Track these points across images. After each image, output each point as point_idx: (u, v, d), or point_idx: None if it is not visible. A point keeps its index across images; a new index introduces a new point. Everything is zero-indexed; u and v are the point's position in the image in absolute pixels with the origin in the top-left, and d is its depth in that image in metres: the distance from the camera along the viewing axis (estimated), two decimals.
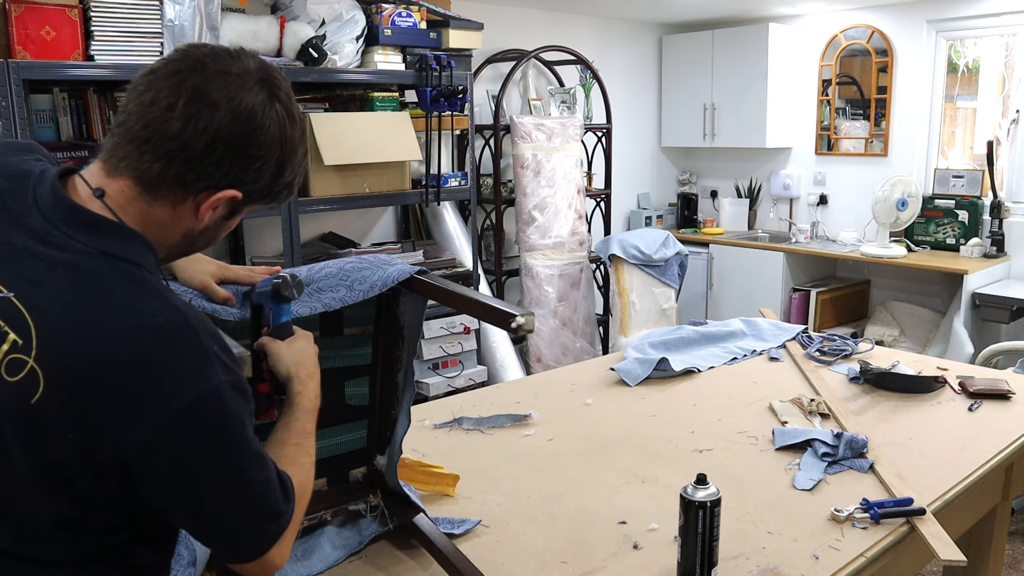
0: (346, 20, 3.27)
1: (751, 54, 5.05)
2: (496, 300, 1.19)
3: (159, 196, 0.92)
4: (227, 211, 0.98)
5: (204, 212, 0.94)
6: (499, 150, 4.23)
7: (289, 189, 1.01)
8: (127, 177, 0.91)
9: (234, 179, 0.93)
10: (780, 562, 1.33)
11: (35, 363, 0.84)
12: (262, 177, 0.95)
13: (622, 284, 4.45)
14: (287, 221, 3.14)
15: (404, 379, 1.39)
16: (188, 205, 0.94)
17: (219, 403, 0.87)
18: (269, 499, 0.93)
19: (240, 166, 0.93)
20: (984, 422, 1.94)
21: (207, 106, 0.89)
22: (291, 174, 0.99)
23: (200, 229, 0.97)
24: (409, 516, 1.40)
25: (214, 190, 0.93)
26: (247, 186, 0.95)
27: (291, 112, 0.96)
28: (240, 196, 0.95)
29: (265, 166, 0.94)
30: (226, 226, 1.01)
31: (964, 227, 4.57)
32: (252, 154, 0.93)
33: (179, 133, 0.89)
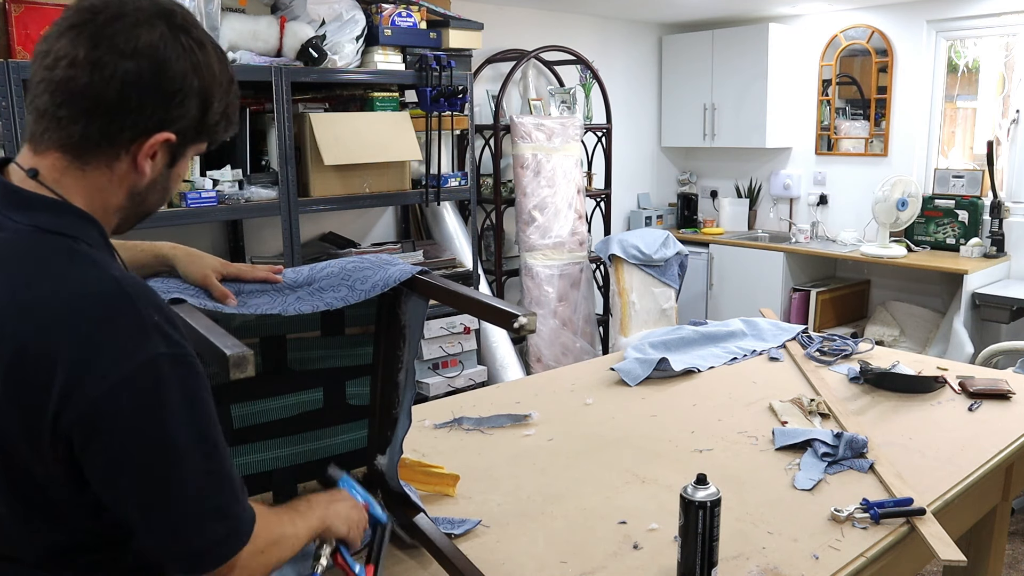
0: (346, 20, 3.27)
1: (751, 54, 5.05)
2: (498, 300, 1.19)
3: (90, 160, 0.90)
4: (168, 158, 0.95)
5: (142, 163, 0.92)
6: (499, 150, 4.23)
7: (227, 121, 0.98)
8: (54, 150, 0.89)
9: (160, 120, 0.90)
10: (780, 562, 1.33)
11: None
12: (188, 111, 0.92)
13: (622, 284, 4.45)
14: (287, 221, 3.14)
15: (405, 379, 1.40)
16: (124, 161, 0.91)
17: (157, 374, 0.83)
18: (215, 491, 0.88)
19: (161, 105, 0.89)
20: (984, 422, 1.94)
21: (108, 52, 0.86)
22: (221, 103, 0.96)
23: (145, 184, 0.94)
24: (409, 516, 1.40)
25: (144, 137, 0.90)
26: (176, 125, 0.92)
27: (199, 40, 0.93)
28: (174, 138, 0.92)
29: (187, 100, 0.91)
30: (173, 175, 0.98)
31: (964, 227, 4.57)
32: (168, 89, 0.89)
33: (88, 87, 0.86)
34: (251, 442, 1.36)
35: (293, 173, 3.13)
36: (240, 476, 0.93)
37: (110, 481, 0.85)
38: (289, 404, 1.39)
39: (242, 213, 3.07)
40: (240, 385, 1.32)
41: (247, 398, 1.34)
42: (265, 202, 3.07)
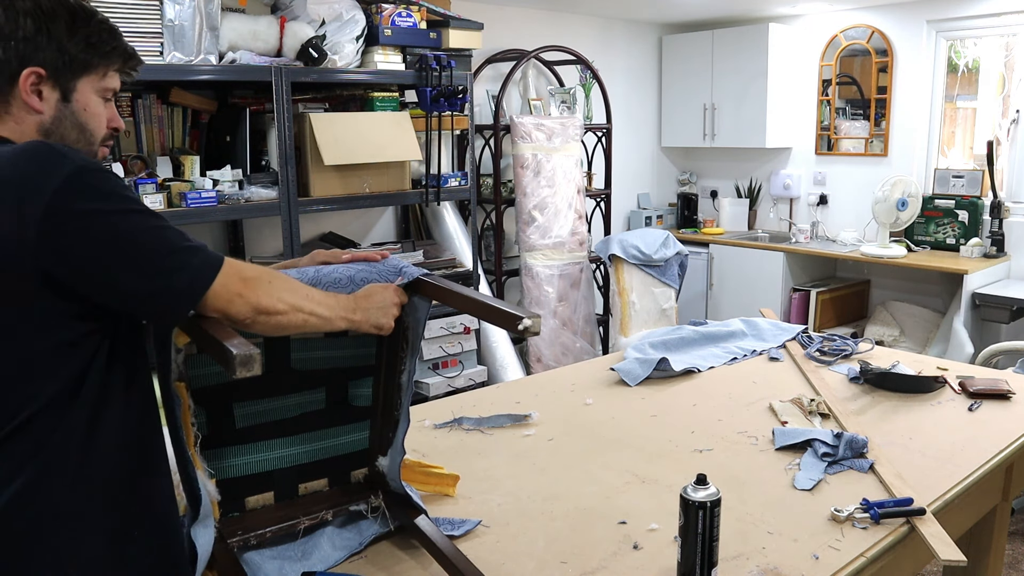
0: (346, 20, 3.27)
1: (751, 54, 5.05)
2: (502, 302, 1.19)
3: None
4: (57, 91, 1.07)
5: (29, 99, 1.05)
6: (499, 150, 4.23)
7: (97, 50, 1.09)
8: None
9: (20, 59, 1.04)
10: (780, 562, 1.33)
11: None
12: (41, 45, 1.04)
13: (622, 284, 4.45)
14: (287, 221, 3.14)
15: (407, 381, 1.40)
16: (14, 103, 1.05)
17: (87, 175, 0.97)
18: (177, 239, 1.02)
19: (9, 47, 1.03)
20: (984, 422, 1.94)
21: None
22: (79, 35, 1.07)
23: (50, 120, 1.07)
24: (410, 517, 1.40)
25: (16, 76, 1.04)
26: (34, 59, 1.04)
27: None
28: (43, 71, 1.05)
29: (29, 36, 1.04)
30: (79, 110, 1.09)
31: (964, 227, 4.57)
32: (7, 32, 1.03)
33: None
34: (253, 441, 1.37)
35: (293, 173, 3.13)
36: None
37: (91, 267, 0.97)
38: (291, 404, 1.39)
39: (242, 213, 3.07)
40: (243, 384, 1.32)
41: (250, 397, 1.34)
42: (265, 202, 3.07)
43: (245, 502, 1.37)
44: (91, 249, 0.96)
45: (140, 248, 0.98)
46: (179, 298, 1.01)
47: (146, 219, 1.00)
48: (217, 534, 1.26)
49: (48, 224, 0.93)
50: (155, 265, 0.99)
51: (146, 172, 2.85)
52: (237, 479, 1.36)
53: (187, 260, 1.01)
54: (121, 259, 0.98)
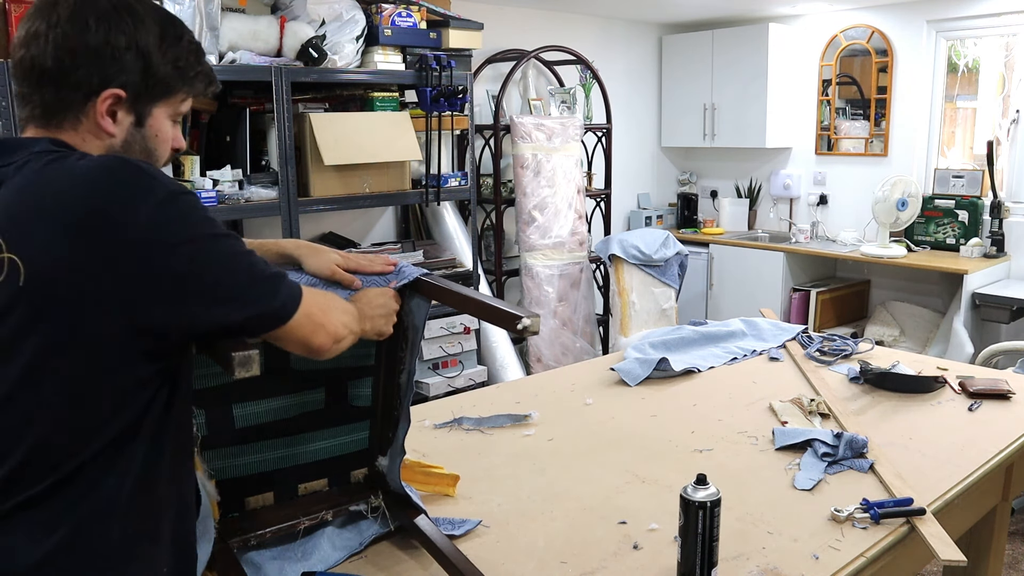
0: (346, 20, 3.27)
1: (751, 54, 5.05)
2: (501, 302, 1.19)
3: (60, 125, 0.98)
4: (132, 115, 1.01)
5: (102, 122, 0.98)
6: (499, 150, 4.23)
7: (181, 75, 1.03)
8: (32, 125, 1.00)
9: (101, 78, 0.97)
10: (780, 562, 1.33)
11: (9, 254, 0.90)
12: (128, 67, 0.98)
13: (622, 284, 4.45)
14: (287, 221, 3.14)
15: (407, 381, 1.40)
16: (87, 124, 0.99)
17: (183, 199, 0.93)
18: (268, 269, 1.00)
19: (95, 64, 0.96)
20: (984, 422, 1.94)
21: (41, 23, 0.95)
22: (168, 56, 1.01)
23: (119, 144, 1.01)
24: (410, 517, 1.40)
25: (93, 96, 0.97)
26: (118, 80, 0.98)
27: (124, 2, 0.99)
28: (123, 93, 0.98)
29: (120, 54, 0.97)
30: (149, 135, 1.04)
31: (964, 227, 4.57)
32: (95, 47, 0.96)
33: (32, 60, 0.96)
34: (252, 442, 1.36)
35: (293, 173, 3.13)
36: None
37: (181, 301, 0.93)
38: (291, 404, 1.39)
39: (242, 213, 3.07)
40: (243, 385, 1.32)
41: (249, 398, 1.34)
42: (265, 202, 3.08)
43: (245, 502, 1.37)
44: (183, 283, 0.92)
45: (232, 278, 0.96)
46: (265, 324, 1.00)
47: (233, 245, 0.97)
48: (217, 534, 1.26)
49: (138, 259, 0.89)
50: (246, 295, 0.97)
51: None
52: (237, 479, 1.36)
53: (276, 288, 1.00)
54: (213, 291, 0.94)
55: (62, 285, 0.89)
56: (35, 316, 0.89)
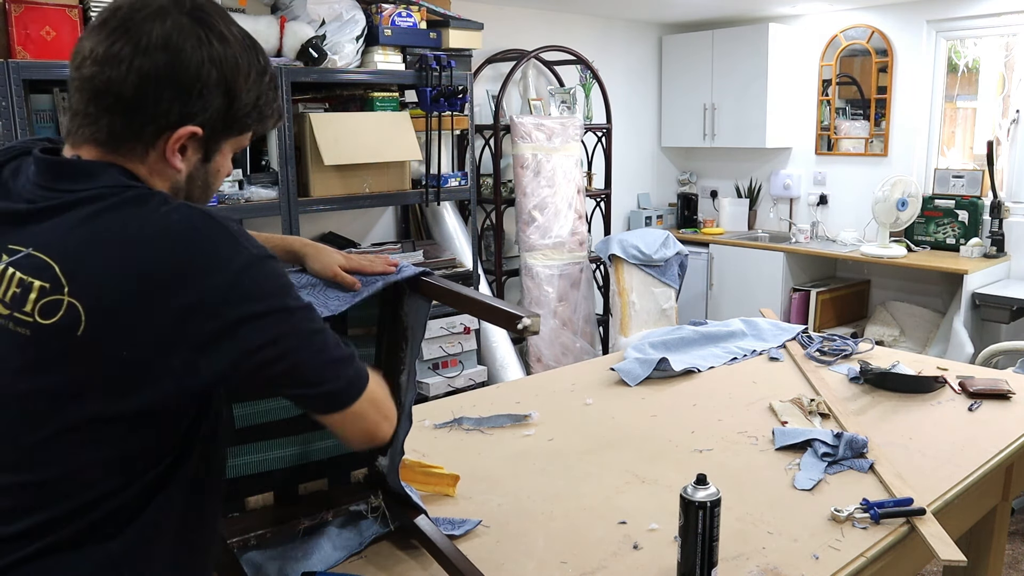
0: (346, 20, 3.27)
1: (751, 54, 5.05)
2: (501, 302, 1.19)
3: (123, 152, 0.92)
4: (201, 152, 0.95)
5: (172, 158, 0.92)
6: (499, 150, 4.23)
7: (260, 113, 0.98)
8: (88, 144, 0.92)
9: (182, 114, 0.90)
10: (780, 562, 1.33)
11: (70, 298, 0.84)
12: (211, 105, 0.92)
13: (622, 284, 4.45)
14: (287, 221, 3.14)
15: (407, 381, 1.40)
16: (154, 155, 0.92)
17: (264, 266, 0.89)
18: (339, 349, 0.96)
19: (180, 99, 0.90)
20: (984, 422, 1.94)
21: (126, 46, 0.87)
22: (250, 94, 0.95)
23: (184, 179, 0.96)
24: (410, 517, 1.40)
25: (169, 132, 0.91)
26: (200, 118, 0.92)
27: (219, 31, 0.92)
28: (200, 131, 0.92)
29: (207, 91, 0.91)
30: (212, 170, 0.98)
31: (964, 227, 4.57)
32: (185, 82, 0.89)
33: (108, 83, 0.88)
34: (252, 442, 1.36)
35: (293, 173, 3.13)
36: None
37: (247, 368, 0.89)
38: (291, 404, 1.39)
39: (242, 213, 3.07)
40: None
41: (249, 398, 1.34)
42: (265, 202, 3.07)
43: (245, 502, 1.37)
44: (254, 357, 0.88)
45: (305, 357, 0.92)
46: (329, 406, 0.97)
47: (311, 320, 0.93)
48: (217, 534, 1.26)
49: (213, 328, 0.85)
50: (314, 376, 0.93)
51: None
52: (237, 479, 1.36)
53: (345, 370, 0.96)
54: (284, 370, 0.91)
55: (126, 347, 0.84)
56: (88, 375, 0.85)
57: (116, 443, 0.88)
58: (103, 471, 0.88)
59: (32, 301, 0.85)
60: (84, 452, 0.87)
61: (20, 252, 0.88)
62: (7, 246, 0.89)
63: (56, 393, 0.85)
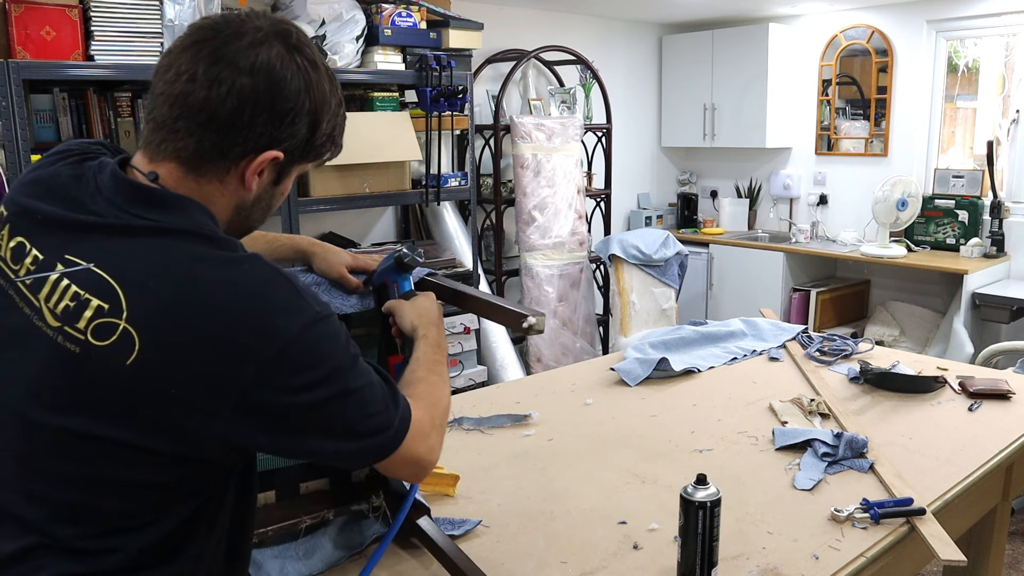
0: (346, 20, 3.27)
1: (751, 54, 5.05)
2: (506, 301, 1.19)
3: (204, 172, 0.92)
4: (274, 176, 0.97)
5: (251, 179, 0.94)
6: (499, 150, 4.23)
7: (332, 142, 1.01)
8: (170, 160, 0.92)
9: (270, 139, 0.92)
10: (780, 562, 1.33)
11: (127, 324, 0.84)
12: (298, 132, 0.94)
13: (622, 284, 4.45)
14: (287, 221, 3.14)
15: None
16: (233, 175, 0.94)
17: (321, 331, 0.89)
18: (380, 398, 0.95)
19: (272, 123, 0.92)
20: (984, 422, 1.94)
21: (227, 68, 0.89)
22: (329, 124, 0.98)
23: (252, 200, 0.97)
24: (412, 517, 1.40)
25: (254, 154, 0.92)
26: (285, 143, 0.94)
27: (313, 61, 0.95)
28: (282, 156, 0.94)
29: (298, 119, 0.93)
30: (277, 193, 1.00)
31: (964, 227, 4.57)
32: (280, 108, 0.91)
33: (205, 102, 0.89)
34: None
35: None
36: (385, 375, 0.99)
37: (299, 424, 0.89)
38: None
39: None
40: None
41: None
42: None
43: None
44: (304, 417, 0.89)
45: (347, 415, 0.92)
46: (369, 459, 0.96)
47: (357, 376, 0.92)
48: None
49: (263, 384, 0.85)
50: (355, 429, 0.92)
51: None
52: None
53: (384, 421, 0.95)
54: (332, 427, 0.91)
55: (173, 386, 0.83)
56: (129, 403, 0.84)
57: (148, 472, 0.87)
58: (136, 498, 0.88)
59: (87, 319, 0.84)
60: (114, 475, 0.87)
61: (79, 265, 0.86)
62: (64, 255, 0.88)
63: (94, 415, 0.85)
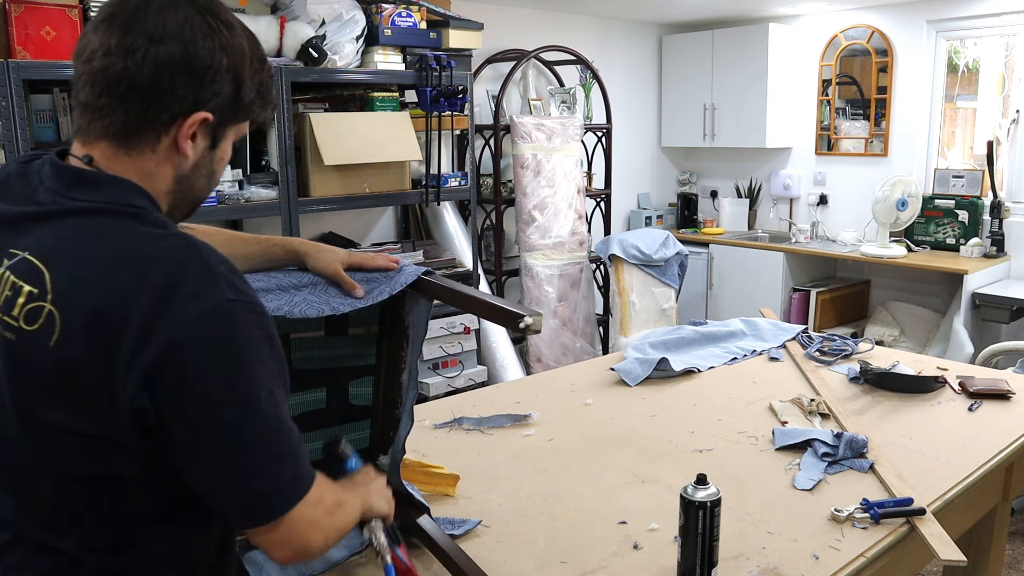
0: (346, 20, 3.27)
1: (751, 54, 5.05)
2: (503, 300, 1.19)
3: (135, 145, 0.93)
4: (209, 139, 0.98)
5: (184, 144, 0.94)
6: (499, 150, 4.23)
7: (262, 99, 1.01)
8: (101, 139, 0.93)
9: (195, 100, 0.93)
10: (780, 562, 1.33)
11: (51, 305, 0.85)
12: (221, 90, 0.95)
13: (622, 284, 4.45)
14: (287, 221, 3.14)
15: (408, 379, 1.40)
16: (165, 144, 0.94)
17: (228, 319, 0.86)
18: (283, 440, 0.89)
19: (193, 85, 0.92)
20: (984, 422, 1.94)
21: (139, 37, 0.90)
22: (254, 80, 0.99)
23: (191, 167, 0.97)
24: (412, 516, 1.40)
25: (182, 118, 0.93)
26: (210, 104, 0.94)
27: (227, 21, 0.96)
28: (211, 117, 0.95)
29: (218, 76, 0.94)
30: (216, 158, 1.00)
31: (964, 227, 4.57)
32: (198, 68, 0.92)
33: (122, 73, 0.89)
34: None
35: (293, 173, 3.13)
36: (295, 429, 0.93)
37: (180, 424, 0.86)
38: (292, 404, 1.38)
39: (242, 213, 3.07)
40: None
41: None
42: (265, 202, 3.08)
43: None
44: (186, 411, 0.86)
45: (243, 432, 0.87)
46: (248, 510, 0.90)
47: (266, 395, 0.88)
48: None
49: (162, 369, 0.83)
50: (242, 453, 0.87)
51: None
52: None
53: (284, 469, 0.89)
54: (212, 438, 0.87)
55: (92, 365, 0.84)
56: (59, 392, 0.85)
57: (96, 460, 0.88)
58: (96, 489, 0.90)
59: (20, 306, 0.87)
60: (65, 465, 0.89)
61: (17, 256, 0.89)
62: (8, 250, 0.91)
63: (35, 401, 0.87)
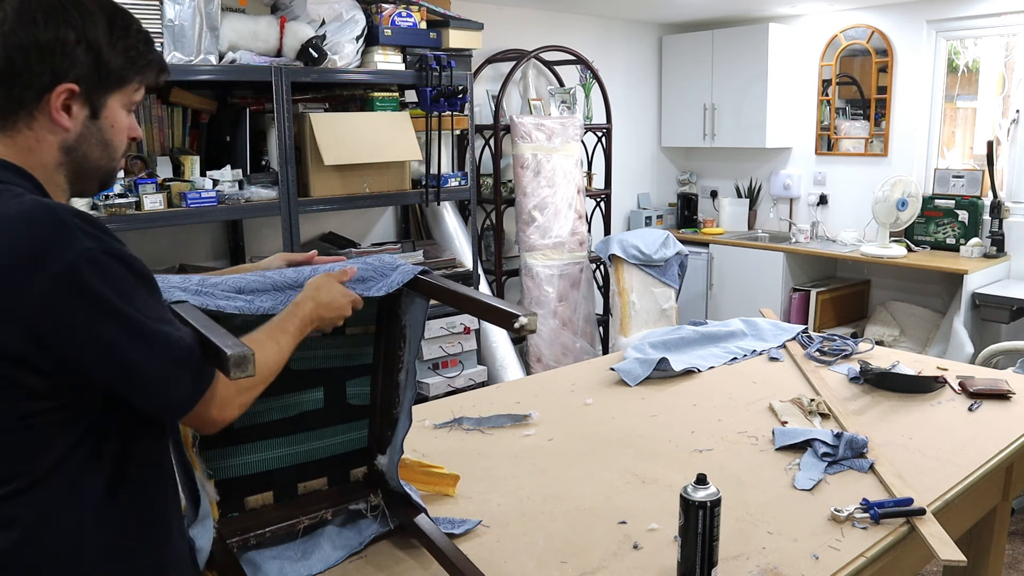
0: (346, 20, 3.27)
1: (751, 54, 5.05)
2: (499, 300, 1.19)
3: (11, 126, 0.98)
4: (87, 109, 1.00)
5: (57, 117, 0.98)
6: (499, 150, 4.23)
7: (133, 63, 1.03)
8: None
9: (53, 74, 0.96)
10: (780, 562, 1.33)
11: None
12: (76, 60, 0.97)
13: (622, 284, 4.45)
14: (287, 221, 3.14)
15: (406, 379, 1.40)
16: (41, 120, 0.98)
17: (91, 266, 0.90)
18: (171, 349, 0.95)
19: (46, 59, 0.95)
20: (984, 422, 1.94)
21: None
22: (116, 46, 1.00)
23: (75, 137, 1.00)
24: (410, 516, 1.40)
25: (46, 92, 0.96)
26: (72, 73, 0.97)
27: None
28: (76, 87, 0.98)
29: (68, 47, 0.96)
30: (105, 127, 1.03)
31: (964, 227, 4.57)
32: (44, 43, 0.95)
33: None
34: (251, 442, 1.36)
35: (293, 173, 3.13)
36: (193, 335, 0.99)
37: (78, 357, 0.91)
38: (289, 404, 1.39)
39: (242, 213, 3.07)
40: None
41: None
42: (265, 202, 3.07)
43: (245, 502, 1.37)
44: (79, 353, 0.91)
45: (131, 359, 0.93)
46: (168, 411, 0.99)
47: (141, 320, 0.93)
48: (217, 534, 1.26)
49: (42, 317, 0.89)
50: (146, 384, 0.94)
51: (146, 172, 2.85)
52: (236, 479, 1.36)
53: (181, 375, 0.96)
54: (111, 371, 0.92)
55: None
56: None
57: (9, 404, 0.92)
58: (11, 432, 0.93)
59: None
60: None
61: None
62: None
63: None
